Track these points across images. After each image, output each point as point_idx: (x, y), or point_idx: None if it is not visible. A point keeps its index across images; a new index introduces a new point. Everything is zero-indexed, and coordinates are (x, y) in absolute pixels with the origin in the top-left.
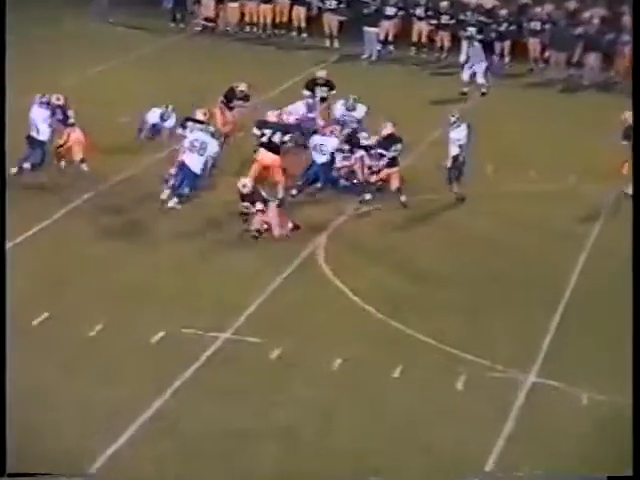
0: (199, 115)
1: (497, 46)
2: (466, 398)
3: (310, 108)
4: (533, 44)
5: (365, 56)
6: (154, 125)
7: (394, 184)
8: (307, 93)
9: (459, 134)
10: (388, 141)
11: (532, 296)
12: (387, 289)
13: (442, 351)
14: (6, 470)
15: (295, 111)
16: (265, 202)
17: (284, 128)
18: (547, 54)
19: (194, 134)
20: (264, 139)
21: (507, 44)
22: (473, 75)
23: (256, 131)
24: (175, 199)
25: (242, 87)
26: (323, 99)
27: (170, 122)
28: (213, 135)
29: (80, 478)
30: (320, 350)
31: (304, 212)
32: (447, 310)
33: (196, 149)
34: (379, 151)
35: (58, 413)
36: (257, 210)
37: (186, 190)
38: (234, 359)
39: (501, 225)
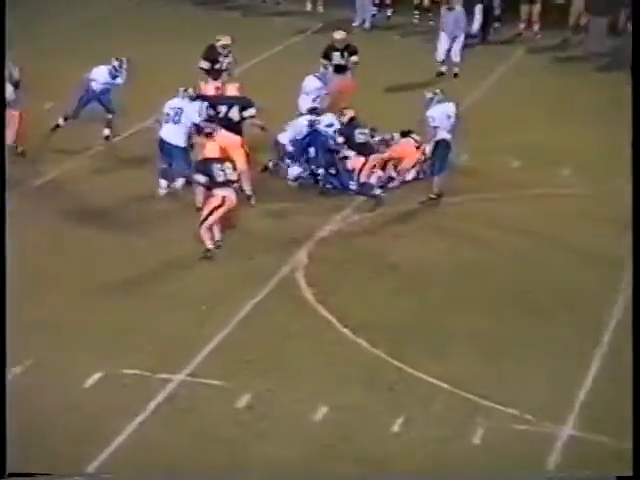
0: (233, 90)
1: (523, 10)
2: (486, 455)
3: (324, 81)
4: (578, 7)
5: (356, 23)
6: (99, 92)
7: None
8: (324, 62)
9: (434, 112)
10: (350, 127)
11: (569, 328)
12: (385, 318)
13: (455, 397)
14: (6, 470)
15: (309, 90)
16: (212, 180)
17: (243, 101)
18: (584, 20)
19: (170, 102)
20: (220, 117)
21: (537, 8)
22: (449, 51)
23: (211, 111)
24: (180, 180)
25: (224, 40)
26: (342, 68)
27: (120, 79)
28: (192, 99)
29: (80, 478)
30: (300, 396)
31: (281, 220)
32: (462, 346)
33: (170, 117)
34: (339, 140)
35: None
36: (198, 183)
37: (185, 172)
38: (190, 408)
39: (531, 237)
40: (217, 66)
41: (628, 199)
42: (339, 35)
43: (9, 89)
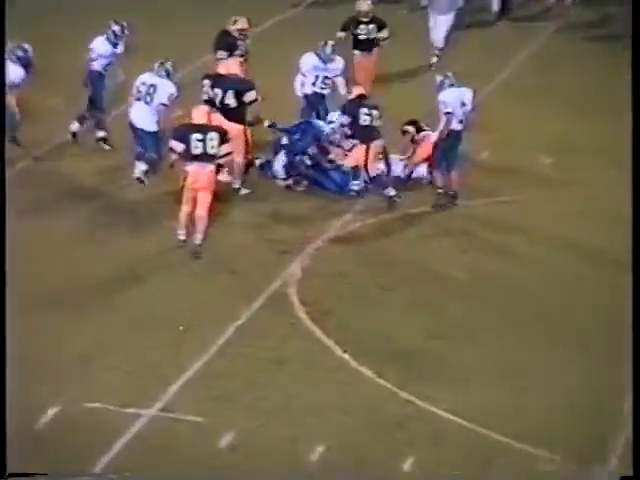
0: (234, 68)
1: None
2: None
3: (324, 60)
4: None
5: None
6: (103, 68)
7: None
8: (341, 34)
9: (447, 96)
10: (355, 104)
11: (604, 355)
12: (393, 342)
13: (473, 434)
14: (6, 470)
15: (306, 69)
16: (188, 152)
17: (240, 84)
18: None
19: (142, 76)
20: (216, 102)
21: None
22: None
23: (207, 90)
24: (142, 165)
25: (240, 23)
26: (368, 43)
27: (120, 47)
28: (168, 74)
29: (80, 478)
30: (292, 433)
31: (271, 226)
32: (481, 375)
33: (141, 95)
34: (341, 120)
35: None
36: (170, 148)
37: (153, 155)
38: (164, 448)
39: (565, 248)
40: (237, 52)
41: None
42: (365, 6)
43: (20, 72)
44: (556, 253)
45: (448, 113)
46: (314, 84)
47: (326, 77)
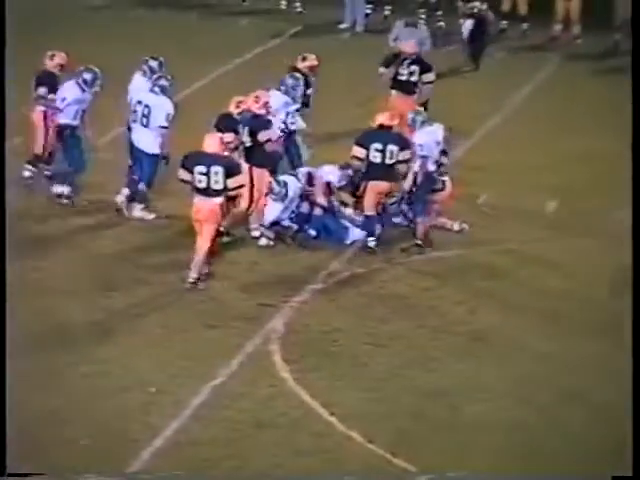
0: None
1: (559, 6)
2: None
3: (289, 91)
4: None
5: (345, 25)
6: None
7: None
8: (383, 70)
9: (421, 138)
10: (370, 136)
11: (613, 408)
12: (383, 404)
13: None
14: (6, 470)
15: (274, 109)
16: (193, 184)
17: (258, 122)
18: None
19: (137, 94)
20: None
21: (575, 3)
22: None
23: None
24: (138, 205)
25: (309, 61)
26: (410, 86)
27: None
28: (164, 90)
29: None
30: None
31: (250, 277)
32: (487, 440)
33: (138, 117)
34: (354, 152)
35: None
36: (181, 179)
37: (140, 186)
38: None
39: (567, 298)
40: (308, 92)
41: None
42: (409, 47)
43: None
44: (562, 305)
45: (424, 157)
46: (285, 123)
47: (297, 109)
